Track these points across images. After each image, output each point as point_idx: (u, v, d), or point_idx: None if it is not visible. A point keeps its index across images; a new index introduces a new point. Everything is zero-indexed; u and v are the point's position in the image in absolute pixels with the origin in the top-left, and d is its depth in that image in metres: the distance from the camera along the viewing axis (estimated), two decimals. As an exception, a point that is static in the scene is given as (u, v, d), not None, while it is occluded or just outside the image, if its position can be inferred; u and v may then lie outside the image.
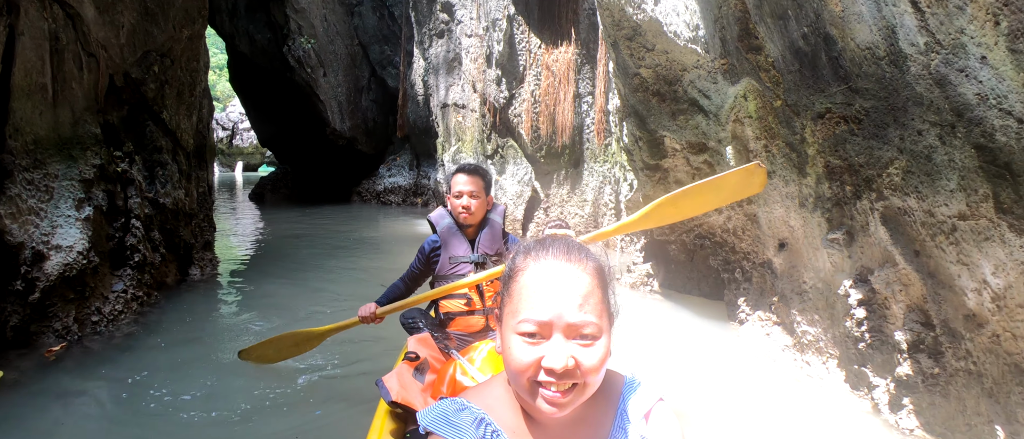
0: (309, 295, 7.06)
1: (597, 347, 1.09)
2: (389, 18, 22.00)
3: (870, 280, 3.77)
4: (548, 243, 1.17)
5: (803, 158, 3.99)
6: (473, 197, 3.28)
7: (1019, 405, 3.04)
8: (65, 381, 4.27)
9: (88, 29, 5.98)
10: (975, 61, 2.62)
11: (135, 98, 6.68)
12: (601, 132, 9.66)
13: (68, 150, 5.71)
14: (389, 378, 2.82)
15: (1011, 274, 2.92)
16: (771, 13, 3.71)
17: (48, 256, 4.95)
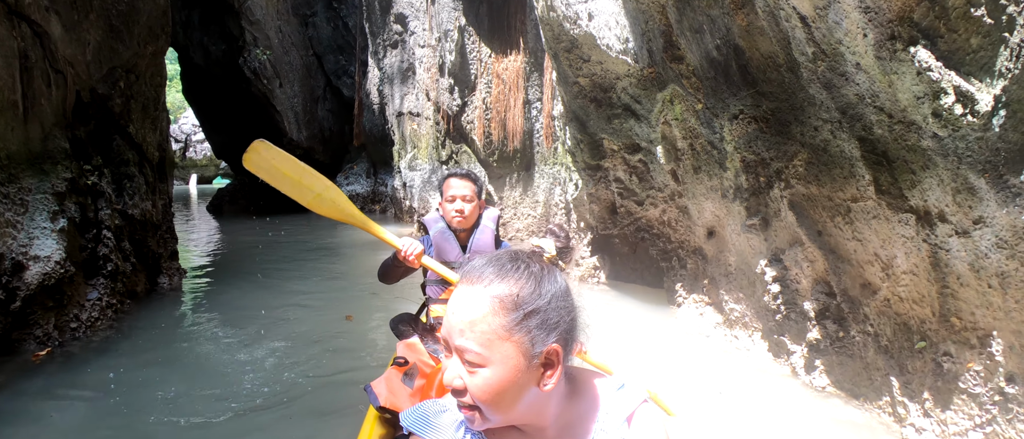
0: (276, 300, 7.27)
1: (480, 375, 1.06)
2: (343, 29, 22.13)
3: (783, 259, 4.22)
4: (484, 261, 1.14)
5: (723, 155, 4.43)
6: (466, 201, 3.22)
7: (909, 357, 3.51)
8: (52, 382, 4.45)
9: (56, 47, 6.12)
10: (851, 67, 3.07)
11: (102, 113, 6.82)
12: (549, 136, 10.06)
13: (40, 164, 5.85)
14: (377, 383, 2.83)
15: (895, 246, 3.39)
16: (690, 27, 4.14)
17: (27, 266, 5.10)
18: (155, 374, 4.67)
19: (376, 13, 15.09)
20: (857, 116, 3.20)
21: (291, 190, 3.06)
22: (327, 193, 3.09)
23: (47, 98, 6.09)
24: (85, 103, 6.65)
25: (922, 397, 3.40)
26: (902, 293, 3.44)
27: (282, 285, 8.21)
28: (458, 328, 1.07)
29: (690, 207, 5.19)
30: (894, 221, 3.28)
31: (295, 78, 20.19)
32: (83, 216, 6.08)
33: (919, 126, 2.80)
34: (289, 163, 3.08)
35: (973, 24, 2.43)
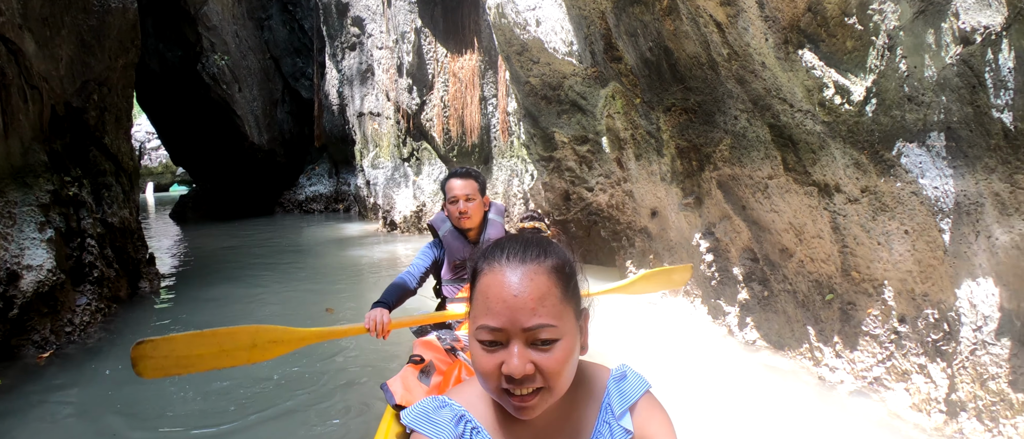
0: (255, 297, 7.58)
1: (556, 350, 1.04)
2: (299, 31, 22.17)
3: (714, 232, 4.75)
4: (506, 243, 1.12)
5: (660, 143, 4.92)
6: (469, 201, 3.19)
7: (821, 309, 4.05)
8: (57, 382, 4.69)
9: (30, 63, 6.29)
10: (758, 65, 3.57)
11: (77, 126, 7.02)
12: (505, 131, 10.50)
13: (22, 178, 6.05)
14: (394, 382, 2.79)
15: (803, 215, 3.92)
16: (626, 32, 4.62)
17: (22, 275, 5.34)
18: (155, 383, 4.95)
19: (333, 16, 15.29)
20: (766, 106, 3.71)
21: (219, 361, 2.58)
22: (260, 337, 2.65)
23: (24, 113, 6.28)
24: (60, 117, 6.84)
25: (833, 341, 3.95)
26: (812, 255, 3.98)
27: (259, 284, 8.50)
28: (528, 308, 1.02)
29: (634, 191, 5.69)
30: (801, 194, 3.81)
31: (253, 82, 20.21)
32: (67, 226, 6.29)
33: (813, 113, 3.32)
34: (194, 342, 2.58)
35: (847, 30, 2.95)
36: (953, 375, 3.25)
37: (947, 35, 2.63)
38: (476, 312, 1.08)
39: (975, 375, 3.14)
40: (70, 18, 6.81)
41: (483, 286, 1.07)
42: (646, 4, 4.31)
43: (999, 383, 3.04)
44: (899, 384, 3.59)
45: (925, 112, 2.84)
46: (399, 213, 13.19)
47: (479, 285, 1.09)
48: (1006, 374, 3.01)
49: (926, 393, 3.42)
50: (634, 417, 1.18)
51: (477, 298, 1.09)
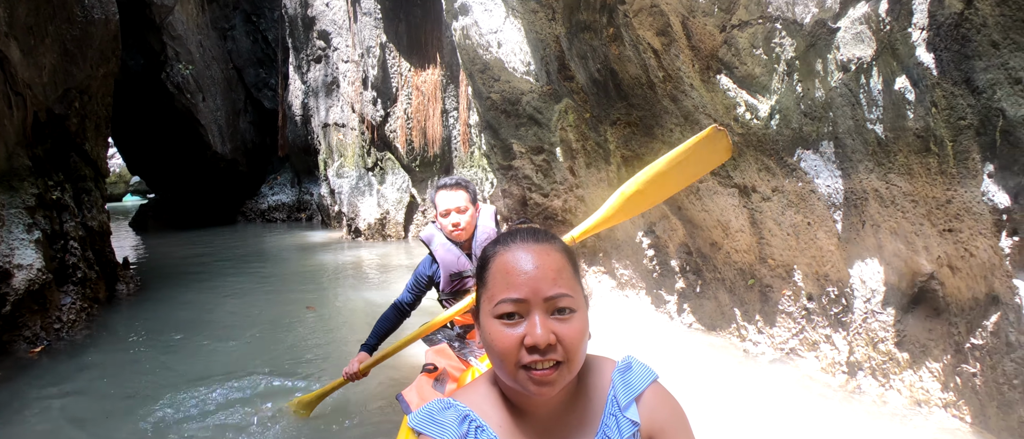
0: (228, 300, 7.90)
1: (575, 320, 1.06)
2: (263, 42, 22.31)
3: (655, 230, 5.32)
4: (515, 231, 1.15)
5: (607, 152, 5.49)
6: (461, 212, 3.10)
7: (744, 292, 4.64)
8: (50, 375, 4.96)
9: (15, 71, 6.52)
10: (688, 86, 4.16)
11: (58, 132, 7.27)
12: (466, 142, 10.99)
13: (8, 181, 6.29)
14: (409, 392, 2.76)
15: (728, 213, 4.51)
16: (577, 54, 5.17)
17: (14, 273, 5.60)
18: (143, 366, 5.24)
19: (299, 29, 15.59)
20: (695, 120, 4.30)
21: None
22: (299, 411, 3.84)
23: (9, 119, 6.52)
24: (42, 123, 7.09)
25: (755, 320, 4.54)
26: (736, 246, 4.58)
27: (231, 287, 8.80)
28: (549, 278, 1.05)
29: (585, 196, 6.24)
30: (725, 195, 4.40)
31: (217, 91, 20.29)
32: (51, 228, 6.54)
33: (730, 127, 3.91)
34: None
35: (755, 59, 3.54)
36: (851, 341, 3.87)
37: (831, 64, 3.23)
38: (493, 290, 1.08)
39: (868, 340, 3.76)
40: (54, 28, 7.08)
41: (499, 264, 1.09)
42: (595, 31, 4.88)
43: (887, 345, 3.66)
44: (810, 352, 4.20)
45: (818, 125, 3.44)
46: (363, 220, 13.55)
47: (494, 266, 1.10)
48: (892, 337, 3.63)
49: (831, 358, 4.03)
50: (640, 408, 1.16)
51: (493, 277, 1.09)
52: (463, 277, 3.14)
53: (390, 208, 13.55)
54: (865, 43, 3.06)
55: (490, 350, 1.09)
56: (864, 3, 3.01)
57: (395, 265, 10.18)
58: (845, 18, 3.10)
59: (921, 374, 3.51)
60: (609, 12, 4.67)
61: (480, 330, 1.13)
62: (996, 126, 2.70)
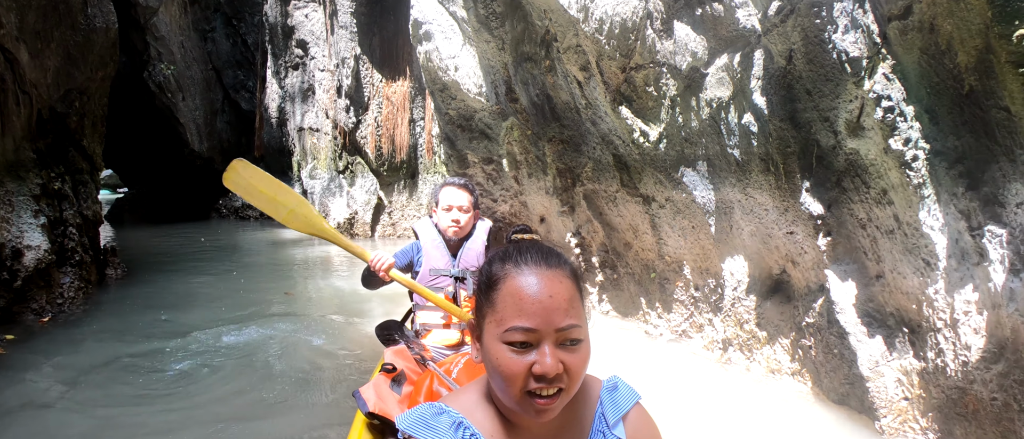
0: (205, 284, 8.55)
1: (581, 350, 1.05)
2: (242, 45, 22.81)
3: (581, 232, 6.18)
4: (524, 249, 1.12)
5: (545, 165, 6.33)
6: (463, 211, 3.12)
7: (648, 284, 5.50)
8: (58, 340, 5.60)
9: (23, 71, 7.12)
10: (602, 114, 5.01)
11: (59, 128, 7.88)
12: (430, 149, 11.79)
13: (16, 171, 6.89)
14: (366, 389, 2.74)
15: (636, 218, 5.37)
16: (521, 81, 6.01)
17: (24, 253, 6.20)
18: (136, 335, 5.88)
19: (279, 37, 16.22)
20: (609, 141, 5.16)
21: (267, 206, 3.09)
22: (300, 209, 3.10)
23: (17, 115, 7.13)
24: (45, 120, 7.69)
25: (656, 307, 5.40)
26: (642, 246, 5.44)
27: (212, 274, 9.45)
28: (561, 309, 1.04)
29: (528, 201, 7.08)
30: (633, 203, 5.26)
31: (196, 92, 20.75)
32: (53, 215, 7.15)
33: (632, 147, 4.78)
34: (265, 181, 3.10)
35: (648, 95, 4.41)
36: (724, 323, 4.74)
37: (702, 101, 4.11)
38: (503, 314, 1.05)
39: (736, 322, 4.63)
40: (59, 33, 7.69)
41: (512, 289, 1.05)
42: (535, 62, 5.72)
43: (750, 325, 4.53)
44: (697, 333, 5.07)
45: (694, 148, 4.32)
46: (333, 219, 14.21)
47: (506, 288, 1.06)
48: (754, 319, 4.50)
49: (711, 337, 4.89)
50: (627, 426, 1.18)
51: (503, 300, 1.06)
52: (441, 274, 3.13)
53: (359, 209, 14.24)
54: (725, 86, 3.94)
55: (494, 372, 1.06)
56: (724, 56, 3.89)
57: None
58: (711, 66, 3.97)
59: (775, 348, 4.39)
60: (546, 47, 5.52)
61: (481, 348, 1.11)
62: (813, 152, 3.60)
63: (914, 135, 2.91)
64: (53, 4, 7.49)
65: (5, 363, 4.91)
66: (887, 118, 2.91)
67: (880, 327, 3.48)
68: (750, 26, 3.54)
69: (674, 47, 4.07)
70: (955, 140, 2.87)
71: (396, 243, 13.10)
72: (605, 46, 4.37)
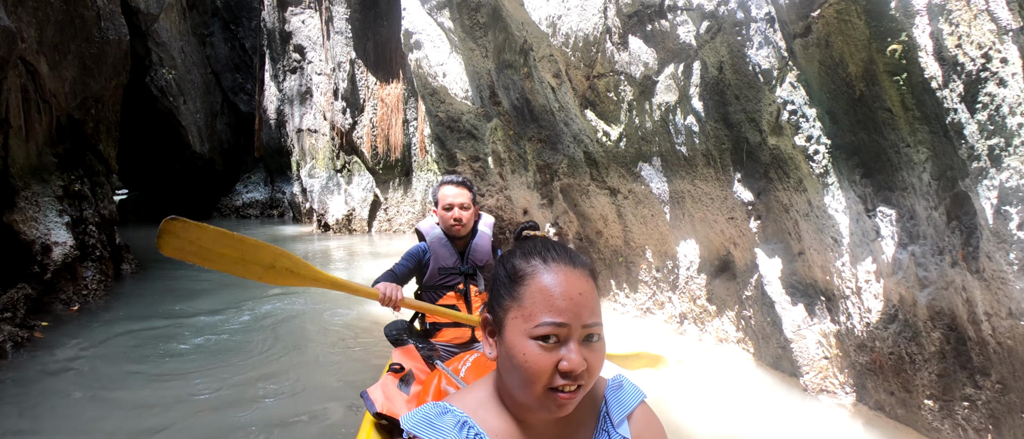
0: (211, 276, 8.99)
1: (601, 347, 1.07)
2: (240, 49, 23.29)
3: (559, 222, 6.73)
4: (550, 246, 1.11)
5: (526, 162, 6.88)
6: (463, 209, 3.10)
7: (617, 267, 6.06)
8: (88, 324, 6.14)
9: (44, 82, 7.64)
10: (573, 115, 5.57)
11: (77, 134, 8.41)
12: (423, 148, 12.33)
13: (40, 174, 7.41)
14: (374, 389, 2.72)
15: (605, 209, 5.93)
16: (503, 85, 6.56)
17: (53, 248, 6.73)
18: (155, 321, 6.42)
19: (277, 42, 16.71)
20: (580, 140, 5.71)
21: (232, 268, 2.44)
22: (281, 262, 2.53)
23: (39, 122, 7.65)
24: (64, 126, 8.21)
25: (624, 287, 5.96)
26: (611, 233, 6.00)
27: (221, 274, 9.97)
28: (588, 306, 1.05)
29: (512, 195, 7.63)
30: (602, 195, 5.82)
31: (197, 95, 21.22)
32: (75, 214, 7.67)
33: (598, 145, 5.33)
34: (221, 239, 2.40)
35: (609, 100, 4.97)
36: (680, 299, 5.30)
37: (654, 105, 4.67)
38: (532, 310, 1.03)
39: (690, 297, 5.19)
40: (75, 46, 8.20)
41: (540, 284, 1.04)
42: (515, 68, 6.27)
43: (702, 300, 5.09)
44: (659, 309, 5.63)
45: (649, 146, 4.88)
46: (332, 216, 14.75)
47: (534, 284, 1.05)
48: (705, 295, 5.06)
49: (670, 312, 5.46)
50: (631, 426, 1.18)
51: (532, 296, 1.04)
52: (451, 273, 3.13)
53: (356, 206, 14.78)
54: (672, 92, 4.50)
55: (517, 368, 1.05)
56: (671, 66, 4.45)
57: (359, 253, 11.46)
58: (660, 75, 4.53)
59: (723, 320, 4.95)
60: (524, 55, 6.07)
61: (502, 344, 1.09)
62: (743, 148, 4.16)
63: (816, 133, 3.48)
64: (69, 19, 8.01)
65: (42, 345, 5.44)
66: (792, 119, 3.47)
67: (802, 296, 4.05)
68: (688, 41, 4.10)
69: (629, 58, 4.63)
70: (851, 136, 3.44)
71: (392, 238, 13.63)
72: (571, 57, 4.93)
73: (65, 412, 4.12)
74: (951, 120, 2.58)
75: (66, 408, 4.19)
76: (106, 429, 3.86)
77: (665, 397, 4.21)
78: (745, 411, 3.93)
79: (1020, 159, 2.45)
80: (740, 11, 3.57)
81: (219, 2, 23.15)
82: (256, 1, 21.45)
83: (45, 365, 4.96)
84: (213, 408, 4.13)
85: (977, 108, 2.49)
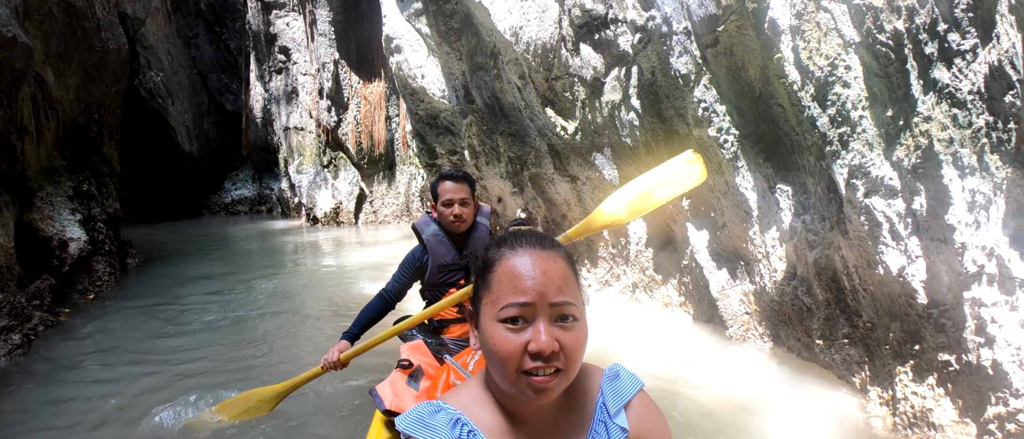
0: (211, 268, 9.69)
1: (577, 329, 1.04)
2: (225, 50, 23.71)
3: (529, 208, 7.44)
4: (519, 235, 1.11)
5: (498, 154, 7.57)
6: (464, 204, 3.05)
7: (580, 244, 6.78)
8: (105, 311, 6.75)
9: (51, 90, 8.19)
10: (536, 112, 6.25)
11: (82, 138, 8.97)
12: (405, 143, 12.97)
13: (51, 176, 7.99)
14: (382, 387, 2.70)
15: (569, 194, 6.63)
16: (476, 86, 7.23)
17: (69, 244, 7.34)
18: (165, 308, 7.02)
19: (262, 44, 17.22)
20: (544, 134, 6.41)
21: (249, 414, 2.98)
22: (247, 404, 3.04)
23: (47, 127, 8.21)
24: (69, 130, 8.76)
25: (586, 263, 6.68)
26: (573, 215, 6.72)
27: (216, 260, 10.60)
28: (556, 286, 1.03)
29: (487, 185, 8.32)
30: (565, 182, 6.52)
31: (184, 96, 21.66)
32: (84, 213, 8.25)
33: (558, 138, 6.03)
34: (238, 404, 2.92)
35: (566, 99, 5.67)
36: (631, 271, 6.02)
37: (602, 103, 5.37)
38: (498, 294, 1.04)
39: (640, 269, 5.92)
40: (79, 56, 8.74)
41: (506, 268, 1.05)
42: (486, 70, 6.94)
43: (650, 271, 5.81)
44: (615, 281, 6.35)
45: (601, 139, 5.59)
46: (320, 210, 15.37)
47: (499, 269, 1.06)
48: (652, 266, 5.78)
49: (624, 284, 6.18)
50: (629, 415, 1.16)
51: (498, 281, 1.05)
52: (451, 270, 3.08)
53: (343, 199, 15.40)
54: (616, 92, 5.20)
55: (491, 354, 1.05)
56: (615, 69, 5.15)
57: (347, 243, 12.12)
58: (607, 77, 5.23)
59: (667, 288, 5.67)
60: (494, 58, 6.75)
61: (479, 333, 1.09)
62: (674, 139, 4.87)
63: (726, 125, 4.20)
64: (72, 30, 8.56)
65: (66, 328, 6.06)
66: (706, 114, 4.19)
67: (726, 262, 4.78)
68: (627, 49, 4.80)
69: (581, 63, 5.33)
70: (755, 127, 4.16)
71: (378, 229, 14.27)
72: (532, 62, 5.62)
73: (93, 381, 4.71)
74: (807, 114, 3.31)
75: (93, 377, 4.80)
76: (128, 392, 4.42)
77: (630, 353, 4.80)
78: (685, 361, 4.58)
79: (862, 142, 3.18)
80: (664, 25, 4.28)
81: (203, 4, 23.53)
82: (240, 3, 21.89)
83: (72, 345, 5.58)
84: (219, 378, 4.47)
85: (827, 105, 3.22)
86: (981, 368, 2.79)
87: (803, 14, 3.16)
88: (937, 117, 2.78)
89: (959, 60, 2.70)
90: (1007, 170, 2.63)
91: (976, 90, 2.66)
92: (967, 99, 2.69)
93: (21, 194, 7.23)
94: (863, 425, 3.44)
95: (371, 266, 8.72)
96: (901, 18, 2.82)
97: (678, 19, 4.20)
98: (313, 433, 3.63)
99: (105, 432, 3.83)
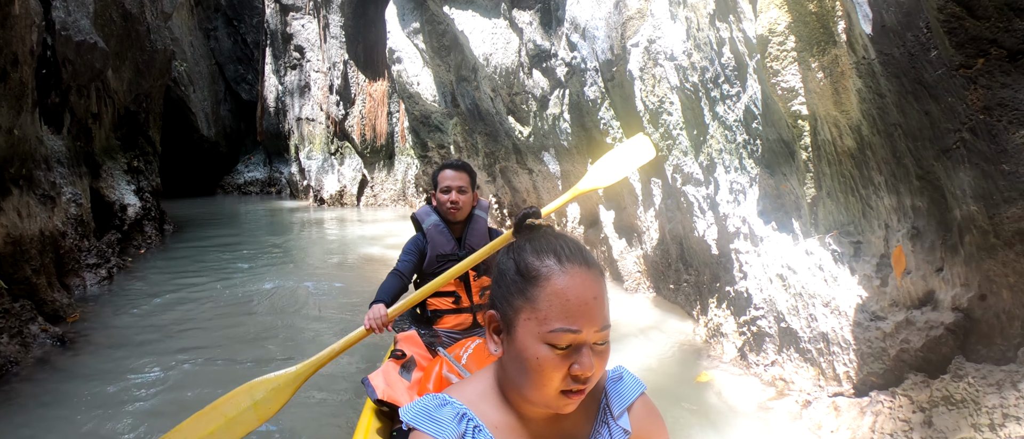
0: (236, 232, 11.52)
1: (608, 349, 1.06)
2: (242, 43, 25.51)
3: (499, 195, 9.25)
4: (561, 245, 1.07)
5: (478, 149, 9.36)
6: (461, 193, 3.11)
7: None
8: (155, 263, 8.60)
9: (109, 83, 9.98)
10: (503, 118, 8.05)
11: (132, 123, 10.80)
12: (403, 137, 14.80)
13: (110, 154, 9.82)
14: (375, 376, 2.68)
15: (527, 183, 8.44)
16: (461, 93, 9.03)
17: (128, 208, 9.18)
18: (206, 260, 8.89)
19: (278, 41, 19.02)
20: (510, 135, 8.21)
21: (231, 433, 2.46)
22: (256, 391, 2.57)
23: (106, 113, 10.02)
24: (122, 116, 10.59)
25: (539, 241, 8.49)
26: (531, 201, 8.52)
27: (239, 226, 12.42)
28: (603, 312, 1.03)
29: (468, 174, 10.16)
30: (525, 173, 8.32)
31: (203, 84, 23.48)
32: (136, 185, 10.08)
33: (519, 140, 7.84)
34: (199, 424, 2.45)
35: (523, 110, 7.47)
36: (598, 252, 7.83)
37: (548, 114, 7.16)
38: (547, 313, 1.00)
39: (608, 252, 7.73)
40: (132, 54, 10.55)
41: (557, 289, 1.01)
42: (468, 82, 8.75)
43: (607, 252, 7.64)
44: (560, 255, 8.16)
45: (548, 141, 7.39)
46: (327, 192, 17.21)
47: (550, 287, 1.01)
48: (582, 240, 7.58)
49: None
50: (631, 418, 1.17)
51: (548, 299, 1.01)
52: (449, 260, 3.10)
53: (347, 183, 17.24)
54: (557, 107, 7.00)
55: (528, 370, 1.03)
56: (557, 90, 6.94)
57: (349, 220, 13.97)
58: (552, 96, 7.02)
59: (626, 264, 7.47)
60: (475, 72, 8.55)
61: (510, 342, 1.06)
62: (594, 143, 6.67)
63: (620, 135, 6.01)
64: (127, 33, 10.38)
65: (132, 273, 7.89)
66: (607, 127, 6.01)
67: (624, 234, 6.59)
68: (562, 77, 6.61)
69: (533, 84, 7.13)
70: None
71: (378, 211, 16.06)
72: (498, 80, 7.43)
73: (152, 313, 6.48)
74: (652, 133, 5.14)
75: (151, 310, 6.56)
76: (185, 316, 6.28)
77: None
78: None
79: (680, 150, 4.98)
80: (582, 63, 6.09)
81: (223, 0, 25.35)
82: (256, 0, 23.70)
83: (136, 286, 7.39)
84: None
85: (659, 126, 5.03)
86: (739, 293, 4.60)
87: (644, 67, 4.97)
88: (717, 135, 4.59)
89: (729, 100, 4.51)
90: (756, 169, 4.43)
91: (738, 119, 4.47)
92: (734, 125, 4.49)
93: (91, 167, 9.06)
94: (691, 339, 5.21)
95: (370, 237, 10.52)
96: (697, 73, 4.63)
97: (590, 60, 6.01)
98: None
99: (181, 341, 5.68)
